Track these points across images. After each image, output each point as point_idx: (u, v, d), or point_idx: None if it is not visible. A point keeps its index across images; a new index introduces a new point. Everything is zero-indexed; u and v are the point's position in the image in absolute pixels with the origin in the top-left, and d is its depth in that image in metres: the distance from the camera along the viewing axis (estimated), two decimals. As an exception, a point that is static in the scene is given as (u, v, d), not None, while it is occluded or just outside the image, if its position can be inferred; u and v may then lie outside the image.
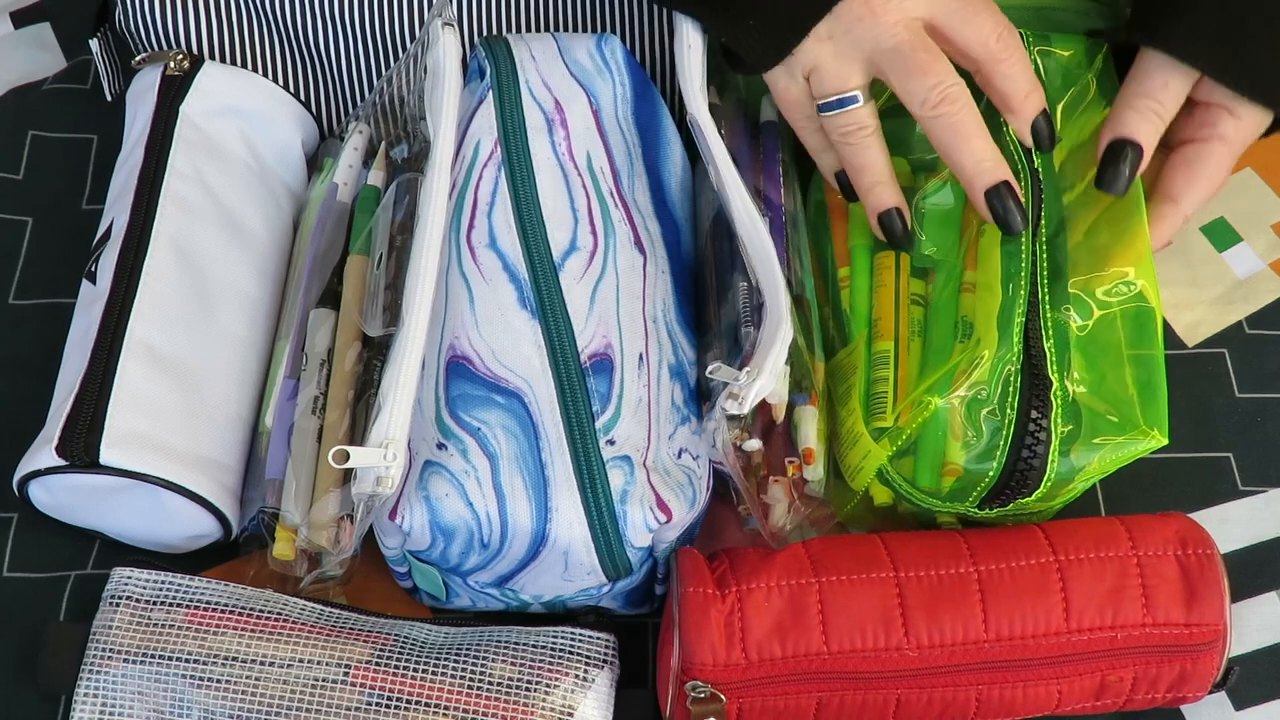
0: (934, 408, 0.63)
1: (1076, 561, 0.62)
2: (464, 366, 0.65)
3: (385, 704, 0.62)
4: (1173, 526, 0.64)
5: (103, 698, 0.62)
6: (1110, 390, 0.65)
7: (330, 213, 0.72)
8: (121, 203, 0.72)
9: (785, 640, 0.61)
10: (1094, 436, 0.64)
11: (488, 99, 0.71)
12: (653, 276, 0.68)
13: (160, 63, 0.76)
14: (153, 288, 0.69)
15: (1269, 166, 0.82)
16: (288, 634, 0.63)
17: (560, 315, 0.66)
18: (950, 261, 0.69)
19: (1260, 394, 0.76)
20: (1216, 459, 0.74)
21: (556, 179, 0.69)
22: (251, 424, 0.70)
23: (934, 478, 0.64)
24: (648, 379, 0.65)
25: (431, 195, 0.66)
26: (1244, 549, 0.72)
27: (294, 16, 0.76)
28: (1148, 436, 0.64)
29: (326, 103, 0.80)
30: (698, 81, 0.70)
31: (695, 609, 0.61)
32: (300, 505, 0.64)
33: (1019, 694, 0.62)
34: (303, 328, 0.69)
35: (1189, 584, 0.62)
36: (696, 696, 0.61)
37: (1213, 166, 0.70)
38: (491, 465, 0.62)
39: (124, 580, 0.65)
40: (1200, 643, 0.62)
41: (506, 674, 0.63)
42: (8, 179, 0.82)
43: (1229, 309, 0.78)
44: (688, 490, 0.63)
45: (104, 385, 0.66)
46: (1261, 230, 0.81)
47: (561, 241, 0.68)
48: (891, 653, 0.61)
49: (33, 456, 0.66)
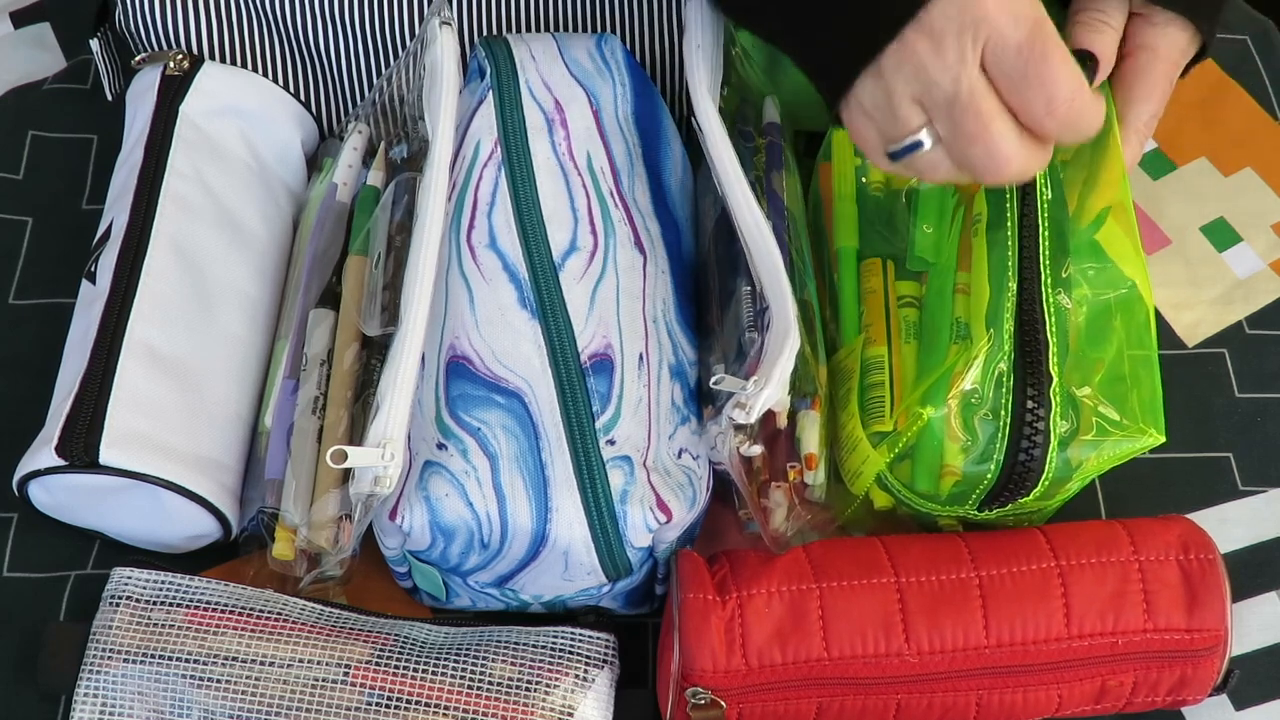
0: (927, 418, 0.63)
1: (1078, 566, 0.62)
2: (464, 366, 0.65)
3: (385, 704, 0.62)
4: (1174, 530, 0.64)
5: (103, 698, 0.62)
6: (1107, 387, 0.64)
7: (330, 212, 0.72)
8: (121, 203, 0.72)
9: (786, 646, 0.61)
10: (1091, 434, 0.64)
11: (488, 99, 0.71)
12: (653, 276, 0.68)
13: (160, 63, 0.76)
14: (152, 288, 0.69)
15: (1269, 166, 0.82)
16: (288, 634, 0.63)
17: (560, 315, 0.66)
18: (943, 263, 0.69)
19: (1260, 394, 0.76)
20: (1216, 459, 0.74)
21: (556, 179, 0.69)
22: (251, 424, 0.70)
23: (932, 481, 0.64)
24: (648, 379, 0.65)
25: (430, 195, 0.66)
26: (1244, 549, 0.72)
27: (294, 16, 0.76)
28: (1145, 435, 0.64)
29: (326, 103, 0.80)
30: (706, 83, 0.70)
31: (696, 615, 0.61)
32: (300, 505, 0.64)
33: (1019, 698, 0.62)
34: (302, 328, 0.69)
35: (1190, 589, 0.62)
36: (696, 703, 0.61)
37: (1146, 78, 0.69)
38: (491, 465, 0.62)
39: (124, 580, 0.65)
40: (1201, 648, 0.62)
41: (506, 674, 0.63)
42: (8, 179, 0.81)
43: (1229, 309, 0.78)
44: (688, 490, 0.63)
45: (104, 385, 0.66)
46: (1261, 230, 0.81)
47: (561, 241, 0.68)
48: (892, 658, 0.61)
49: (32, 456, 0.66)
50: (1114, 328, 0.65)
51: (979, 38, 0.59)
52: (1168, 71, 0.70)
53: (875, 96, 0.62)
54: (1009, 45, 0.58)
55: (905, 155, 0.62)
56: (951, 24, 0.59)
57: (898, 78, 0.60)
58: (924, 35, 0.59)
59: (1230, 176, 0.82)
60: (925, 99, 0.60)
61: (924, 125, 0.61)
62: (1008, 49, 0.58)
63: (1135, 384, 0.65)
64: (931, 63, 0.59)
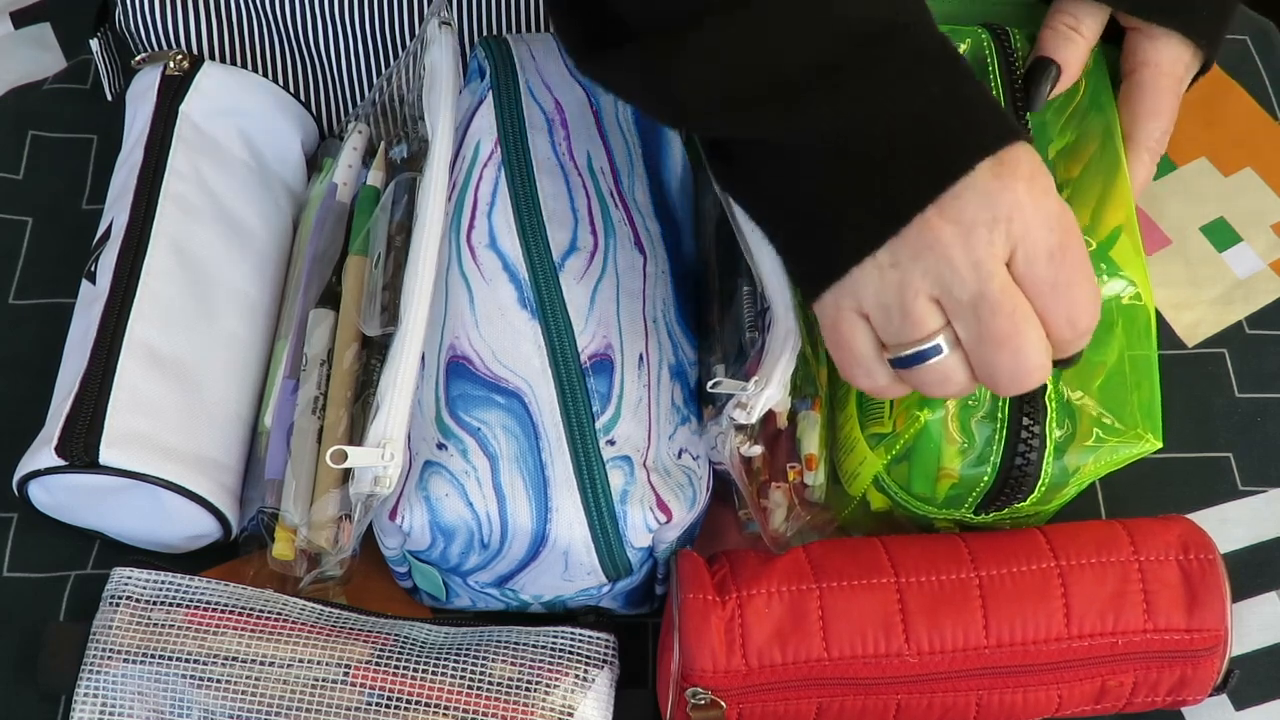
0: (924, 420, 0.63)
1: (1078, 566, 0.62)
2: (464, 366, 0.65)
3: (385, 704, 0.62)
4: (1175, 531, 0.64)
5: (103, 698, 0.62)
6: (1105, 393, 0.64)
7: (329, 212, 0.72)
8: (121, 203, 0.72)
9: (786, 646, 0.61)
10: (1088, 440, 0.63)
11: (487, 99, 0.71)
12: (653, 276, 0.68)
13: (160, 63, 0.76)
14: (152, 288, 0.69)
15: (1269, 166, 0.82)
16: (288, 634, 0.63)
17: (560, 315, 0.66)
18: None
19: (1260, 394, 0.76)
20: (1216, 459, 0.74)
21: (556, 179, 0.69)
22: (251, 424, 0.70)
23: (929, 484, 0.64)
24: (648, 379, 0.65)
25: (430, 195, 0.66)
26: (1244, 549, 0.72)
27: (294, 17, 0.76)
28: (1142, 440, 0.63)
29: (326, 103, 0.80)
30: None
31: (696, 615, 0.61)
32: (300, 505, 0.64)
33: (1019, 698, 0.62)
34: (302, 328, 0.69)
35: (1190, 589, 0.62)
36: (696, 703, 0.61)
37: (1152, 94, 0.69)
38: (491, 465, 0.62)
39: (124, 580, 0.65)
40: (1201, 648, 0.62)
41: (506, 674, 0.63)
42: (8, 179, 0.81)
43: (1229, 309, 0.78)
44: (688, 490, 0.63)
45: (103, 385, 0.66)
46: (1261, 230, 0.81)
47: (561, 241, 0.68)
48: (892, 659, 0.61)
49: (32, 456, 0.66)
50: (1115, 333, 0.65)
51: (1012, 235, 0.52)
52: (1172, 86, 0.69)
53: (882, 291, 0.54)
54: (1040, 249, 0.53)
55: (915, 364, 0.55)
56: (984, 213, 0.52)
57: (915, 268, 0.53)
58: (950, 222, 0.52)
59: (1230, 176, 0.82)
60: (945, 297, 0.53)
61: (942, 328, 0.54)
62: (1039, 253, 0.53)
63: (1135, 388, 0.65)
64: (959, 254, 0.52)
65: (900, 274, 0.53)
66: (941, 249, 0.52)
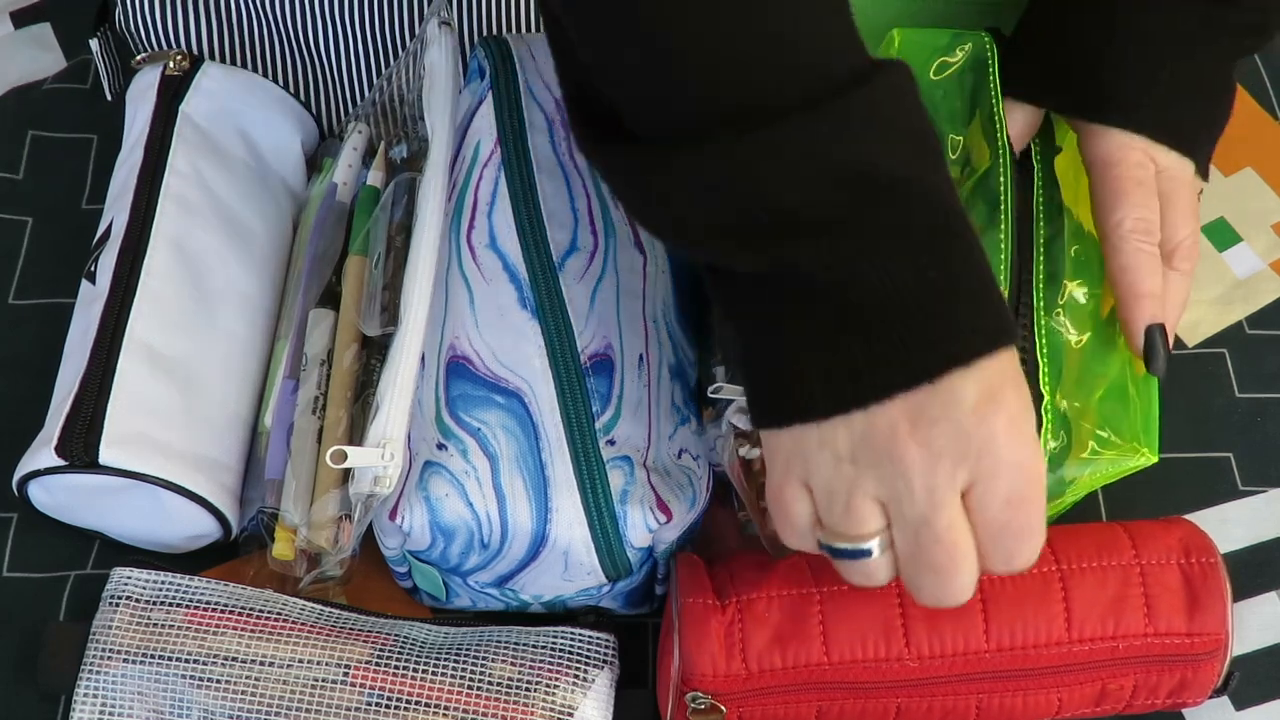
0: None
1: (1079, 570, 0.62)
2: (464, 367, 0.65)
3: (385, 704, 0.62)
4: (1176, 534, 0.64)
5: (102, 698, 0.62)
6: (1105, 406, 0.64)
7: (329, 212, 0.72)
8: (121, 202, 0.72)
9: (786, 651, 0.60)
10: (1084, 452, 0.63)
11: (487, 99, 0.71)
12: (653, 276, 0.68)
13: (160, 63, 0.76)
14: (152, 288, 0.69)
15: (1269, 166, 0.82)
16: (287, 634, 0.63)
17: (560, 315, 0.66)
18: None
19: (1260, 394, 0.76)
20: (1216, 459, 0.74)
21: (556, 179, 0.69)
22: (251, 424, 0.70)
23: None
24: (648, 379, 0.65)
25: (429, 195, 0.66)
26: (1244, 549, 0.72)
27: (294, 17, 0.76)
28: (1137, 454, 0.63)
29: (326, 103, 0.80)
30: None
31: (695, 620, 0.61)
32: (300, 505, 0.64)
33: (1019, 702, 0.62)
34: (302, 328, 0.69)
35: (1191, 593, 0.62)
36: (696, 707, 0.61)
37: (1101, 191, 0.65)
38: (491, 465, 0.62)
39: (124, 580, 0.65)
40: (1202, 652, 0.62)
41: (506, 674, 0.63)
42: (8, 179, 0.81)
43: (1229, 309, 0.78)
44: (688, 491, 0.63)
45: (103, 385, 0.66)
46: (1261, 230, 0.81)
47: (561, 241, 0.68)
48: (892, 663, 0.61)
49: (32, 456, 0.66)
50: (1118, 346, 0.65)
51: (977, 471, 0.51)
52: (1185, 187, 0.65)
53: (833, 480, 0.53)
54: (1000, 494, 0.52)
55: (843, 558, 0.54)
56: (955, 447, 0.51)
57: (871, 473, 0.52)
58: (920, 445, 0.51)
59: (1230, 176, 0.82)
60: (892, 505, 0.52)
61: (881, 530, 0.53)
62: (997, 496, 0.52)
63: (1135, 402, 0.64)
64: (917, 478, 0.51)
65: (856, 472, 0.52)
66: (903, 467, 0.51)
